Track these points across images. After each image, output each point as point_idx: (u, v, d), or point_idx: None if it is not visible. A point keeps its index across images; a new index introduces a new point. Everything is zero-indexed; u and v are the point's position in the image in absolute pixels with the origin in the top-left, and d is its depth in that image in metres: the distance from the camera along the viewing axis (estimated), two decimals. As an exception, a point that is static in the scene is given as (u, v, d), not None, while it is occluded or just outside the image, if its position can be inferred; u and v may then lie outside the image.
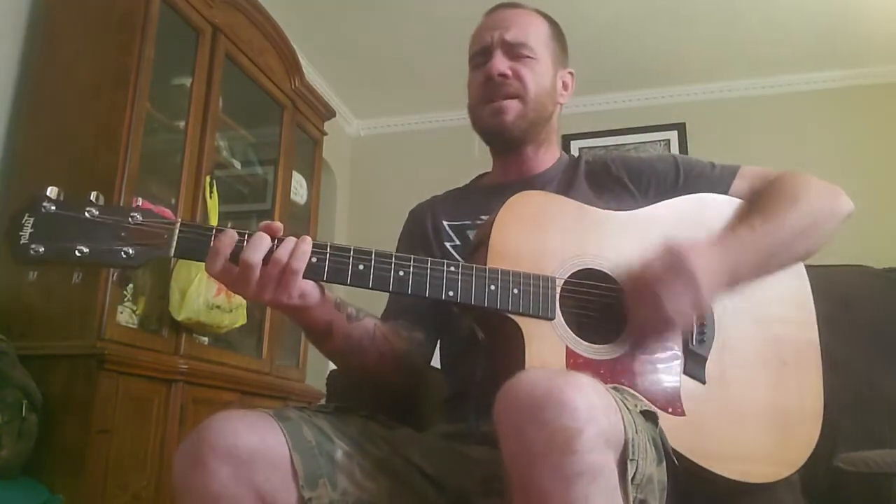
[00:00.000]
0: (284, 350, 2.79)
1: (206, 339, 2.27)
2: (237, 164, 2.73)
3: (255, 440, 0.84)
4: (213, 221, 2.26)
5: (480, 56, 1.20)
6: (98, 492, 1.70)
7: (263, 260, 0.86)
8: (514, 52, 1.18)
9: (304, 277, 0.88)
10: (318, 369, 2.65)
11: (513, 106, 1.16)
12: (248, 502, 0.82)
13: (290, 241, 0.87)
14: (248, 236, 0.87)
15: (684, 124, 3.67)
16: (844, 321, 1.44)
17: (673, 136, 3.69)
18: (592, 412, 0.69)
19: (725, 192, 1.13)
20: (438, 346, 1.21)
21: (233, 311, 2.20)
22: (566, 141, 3.64)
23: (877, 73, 3.49)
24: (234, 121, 2.63)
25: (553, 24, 1.26)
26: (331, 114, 3.24)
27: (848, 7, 3.06)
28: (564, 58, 1.27)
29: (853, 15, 3.11)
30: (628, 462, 0.75)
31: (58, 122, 2.02)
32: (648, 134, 3.71)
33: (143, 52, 2.01)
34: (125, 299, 2.00)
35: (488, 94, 1.17)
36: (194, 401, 2.03)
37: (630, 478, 0.76)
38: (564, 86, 1.26)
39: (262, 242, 0.86)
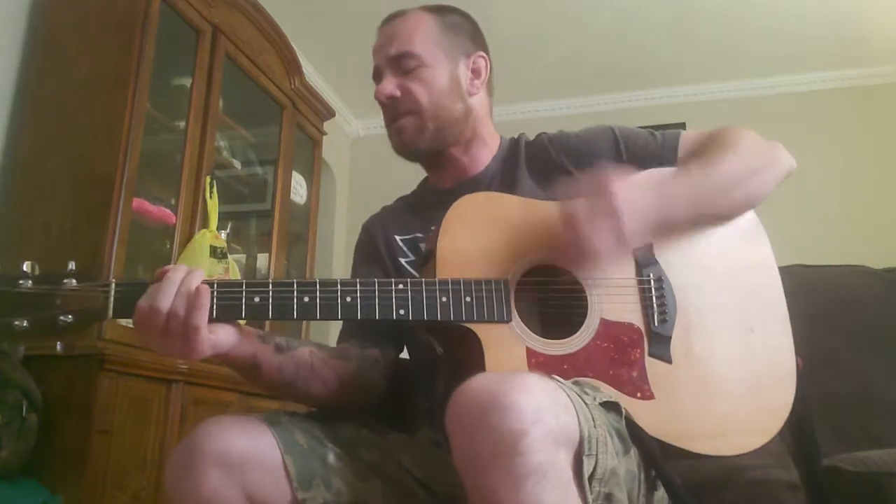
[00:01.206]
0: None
1: (206, 339, 2.27)
2: (237, 164, 2.74)
3: (246, 443, 0.84)
4: (214, 221, 2.26)
5: (376, 78, 1.18)
6: (98, 492, 1.70)
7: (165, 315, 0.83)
8: (402, 66, 1.13)
9: (250, 318, 0.87)
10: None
11: (408, 123, 1.13)
12: None
13: (184, 294, 0.83)
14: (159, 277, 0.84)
15: (684, 124, 3.67)
16: (844, 321, 1.44)
17: (673, 136, 3.70)
18: (538, 413, 0.69)
19: (673, 164, 1.09)
20: (410, 362, 1.18)
21: (233, 312, 2.19)
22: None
23: (877, 73, 3.50)
24: (234, 121, 2.63)
25: (445, 14, 1.19)
26: (330, 114, 3.24)
27: (848, 8, 3.06)
28: (469, 44, 1.19)
29: (853, 15, 3.11)
30: (584, 458, 0.75)
31: (58, 122, 2.02)
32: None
33: (143, 52, 2.01)
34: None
35: (387, 116, 1.16)
36: (194, 401, 2.03)
37: (588, 474, 0.75)
38: (475, 73, 1.18)
39: (174, 279, 0.83)
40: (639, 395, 0.95)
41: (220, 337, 0.87)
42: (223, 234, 2.34)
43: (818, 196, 3.23)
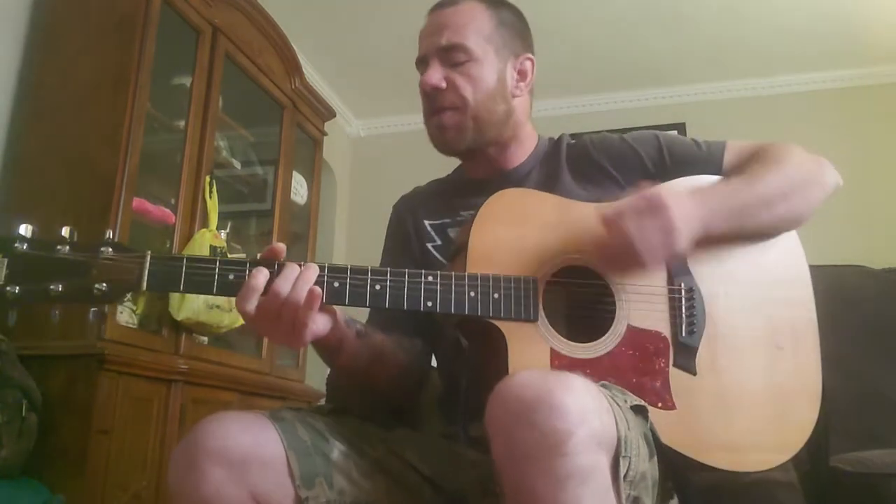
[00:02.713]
0: (284, 350, 2.79)
1: (205, 339, 2.27)
2: (237, 164, 2.73)
3: (249, 441, 0.84)
4: (213, 221, 2.26)
5: (420, 65, 1.14)
6: (98, 492, 1.70)
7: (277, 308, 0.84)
8: (450, 58, 1.10)
9: None
10: (318, 369, 2.65)
11: (450, 120, 1.11)
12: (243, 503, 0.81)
13: (299, 292, 0.84)
14: (279, 270, 0.86)
15: (684, 124, 3.67)
16: (844, 321, 1.44)
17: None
18: (584, 414, 0.69)
19: (718, 172, 1.09)
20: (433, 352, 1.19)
21: (232, 311, 2.19)
22: (566, 141, 3.64)
23: (877, 73, 3.49)
24: (234, 121, 2.63)
25: (500, 10, 1.16)
26: (331, 114, 3.24)
27: (848, 7, 3.06)
28: (519, 44, 1.17)
29: (853, 15, 3.11)
30: (621, 459, 0.75)
31: (58, 122, 2.02)
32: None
33: (144, 52, 2.01)
34: (125, 299, 2.00)
35: (428, 107, 1.13)
36: (194, 401, 2.03)
37: (623, 475, 0.75)
38: (521, 75, 1.16)
39: (291, 275, 0.85)
40: (660, 404, 0.94)
41: (320, 325, 0.89)
42: (223, 234, 2.34)
43: (818, 196, 3.22)
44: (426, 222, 1.18)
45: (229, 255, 2.30)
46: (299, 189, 3.00)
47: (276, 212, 2.75)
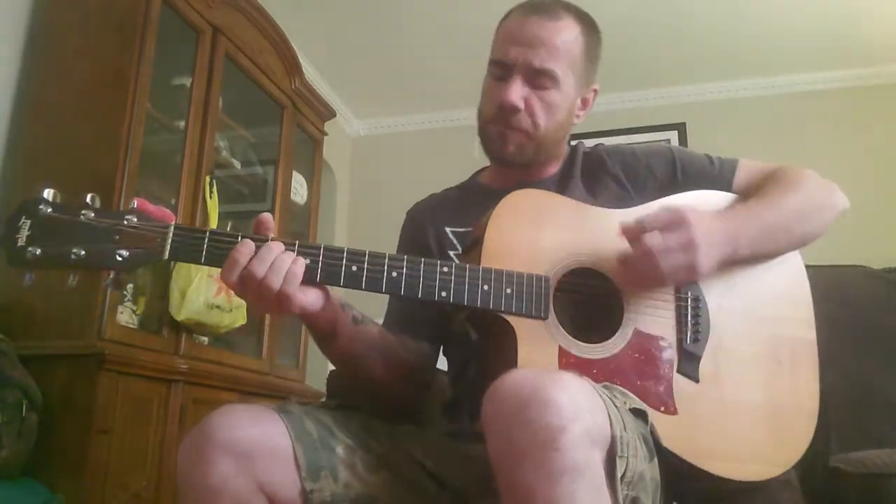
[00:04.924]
0: (284, 350, 2.79)
1: (205, 339, 2.27)
2: (237, 164, 2.73)
3: (257, 432, 0.84)
4: (213, 221, 2.26)
5: (499, 68, 1.12)
6: (98, 492, 1.70)
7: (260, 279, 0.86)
8: (535, 80, 1.09)
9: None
10: (318, 369, 2.65)
11: (516, 139, 1.11)
12: (250, 495, 0.82)
13: (282, 263, 0.86)
14: (257, 248, 0.87)
15: (684, 124, 3.67)
16: (844, 321, 1.44)
17: (673, 136, 3.70)
18: (577, 411, 0.70)
19: (727, 189, 1.12)
20: (442, 350, 1.20)
21: (233, 311, 2.20)
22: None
23: (878, 73, 3.49)
24: (234, 121, 2.63)
25: (591, 35, 1.16)
26: (331, 114, 3.24)
27: (848, 7, 3.06)
28: (593, 72, 1.18)
29: (854, 15, 3.11)
30: (617, 459, 0.75)
31: (58, 122, 2.02)
32: (648, 134, 3.71)
33: (143, 52, 2.01)
34: (125, 299, 2.00)
35: (497, 116, 1.11)
36: (194, 401, 2.03)
37: (620, 475, 0.76)
38: (584, 103, 1.18)
39: (269, 255, 0.87)
40: (663, 408, 0.95)
41: (311, 299, 0.89)
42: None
43: (818, 196, 3.22)
44: (448, 229, 1.18)
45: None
46: (299, 189, 3.00)
47: (276, 212, 2.75)
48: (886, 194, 3.31)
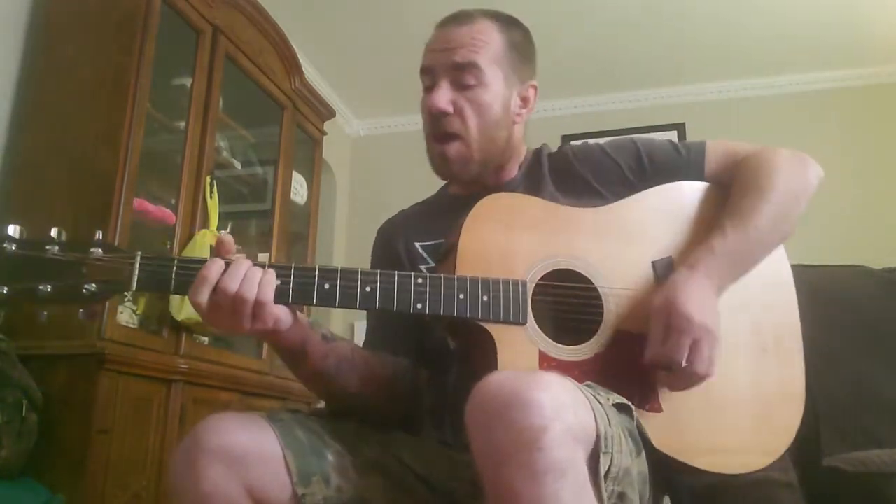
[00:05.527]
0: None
1: (206, 339, 2.27)
2: (237, 164, 2.73)
3: (247, 439, 0.85)
4: (214, 221, 2.26)
5: (426, 78, 1.12)
6: (98, 492, 1.70)
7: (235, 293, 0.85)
8: (460, 78, 1.08)
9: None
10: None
11: (455, 152, 1.09)
12: (241, 500, 0.83)
13: (254, 274, 0.85)
14: (227, 265, 0.86)
15: (684, 124, 3.67)
16: (844, 321, 1.44)
17: (673, 136, 3.69)
18: (558, 409, 0.70)
19: (701, 177, 1.10)
20: (423, 361, 1.18)
21: (233, 311, 2.19)
22: (565, 142, 3.64)
23: (877, 73, 3.49)
24: (234, 121, 2.63)
25: (512, 31, 1.14)
26: (331, 114, 3.24)
27: (848, 7, 3.06)
28: (526, 69, 1.16)
29: (853, 15, 3.11)
30: (601, 455, 0.75)
31: (58, 123, 2.02)
32: (648, 134, 3.71)
33: (144, 52, 2.01)
34: (125, 299, 2.00)
35: (431, 127, 1.11)
36: (194, 401, 2.03)
37: (604, 472, 0.76)
38: (524, 101, 1.16)
39: (240, 269, 0.85)
40: (647, 407, 0.95)
41: (282, 313, 0.89)
42: (223, 235, 2.34)
43: (818, 196, 3.20)
44: (417, 244, 1.17)
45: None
46: (299, 189, 3.00)
47: (276, 212, 2.76)
48: (886, 194, 3.31)
